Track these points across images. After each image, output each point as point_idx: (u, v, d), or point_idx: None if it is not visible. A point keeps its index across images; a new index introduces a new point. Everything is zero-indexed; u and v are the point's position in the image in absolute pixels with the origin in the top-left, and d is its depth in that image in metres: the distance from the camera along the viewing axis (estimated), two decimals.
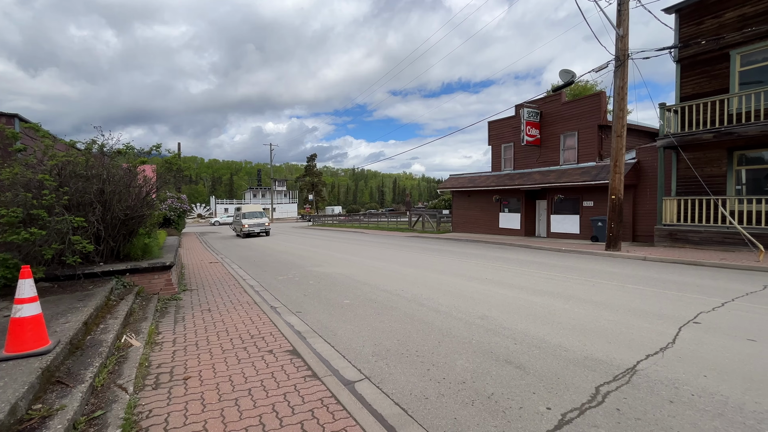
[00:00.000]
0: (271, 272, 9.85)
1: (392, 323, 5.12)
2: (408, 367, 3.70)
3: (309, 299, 6.71)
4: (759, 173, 11.72)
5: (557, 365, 3.64)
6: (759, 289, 6.55)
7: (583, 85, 31.61)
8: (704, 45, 12.34)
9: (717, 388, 3.10)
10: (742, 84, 11.81)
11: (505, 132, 20.52)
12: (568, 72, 13.75)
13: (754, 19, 11.41)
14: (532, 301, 6.09)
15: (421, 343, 4.33)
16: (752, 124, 10.68)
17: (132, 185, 6.75)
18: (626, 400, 2.96)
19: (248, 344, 4.30)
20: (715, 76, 12.35)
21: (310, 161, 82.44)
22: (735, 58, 11.89)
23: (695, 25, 12.70)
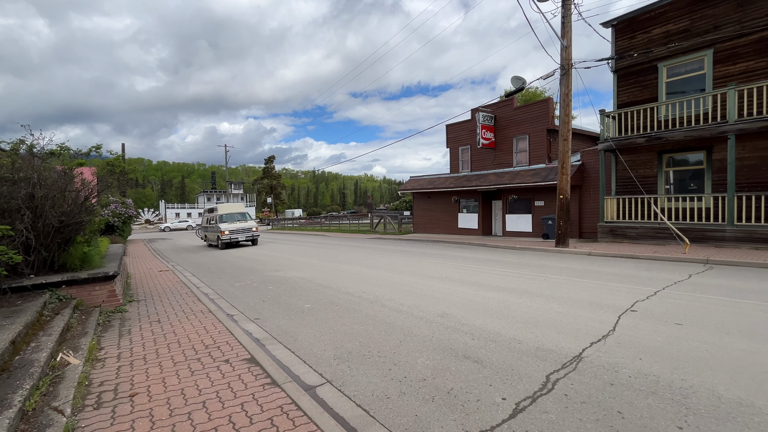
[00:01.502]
0: (227, 279, 9.46)
1: (354, 325, 5.11)
2: (370, 368, 3.71)
3: (268, 305, 6.52)
4: (684, 174, 13.04)
5: (512, 357, 3.82)
6: (685, 278, 7.27)
7: (533, 91, 33.43)
8: (636, 57, 13.54)
9: (650, 369, 3.41)
10: (668, 93, 13.08)
11: (462, 135, 21.20)
12: (519, 78, 14.49)
13: (677, 35, 12.70)
14: (489, 297, 6.34)
15: (382, 344, 4.36)
16: (677, 130, 11.87)
17: (68, 189, 6.19)
18: (573, 386, 3.17)
19: (202, 355, 4.10)
20: (646, 86, 13.58)
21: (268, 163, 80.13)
22: (662, 70, 13.15)
23: (629, 39, 13.90)
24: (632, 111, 13.11)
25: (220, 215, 19.15)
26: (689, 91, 12.54)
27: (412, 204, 25.54)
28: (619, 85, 14.26)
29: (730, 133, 10.74)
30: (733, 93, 10.74)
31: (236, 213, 19.77)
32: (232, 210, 20.04)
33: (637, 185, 13.35)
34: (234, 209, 20.16)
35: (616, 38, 14.23)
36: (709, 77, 12.10)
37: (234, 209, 20.16)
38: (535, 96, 32.32)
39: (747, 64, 11.39)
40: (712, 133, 11.13)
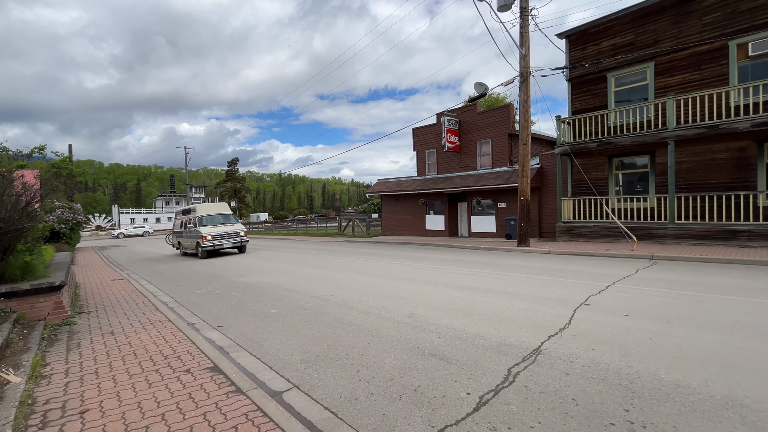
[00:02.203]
0: (187, 286, 9.06)
1: (322, 329, 5.08)
2: (338, 371, 3.70)
3: (232, 312, 6.32)
4: (632, 176, 14.03)
5: (476, 353, 3.95)
6: (633, 273, 7.83)
7: (495, 97, 34.68)
8: (588, 68, 14.44)
9: (601, 358, 3.65)
10: (617, 102, 14.05)
11: (428, 138, 21.61)
12: (482, 85, 15.02)
13: (623, 48, 13.68)
14: (455, 296, 6.51)
15: (350, 346, 4.36)
16: (624, 136, 12.77)
17: (6, 194, 5.70)
18: (532, 378, 3.33)
19: (161, 366, 3.92)
20: (597, 94, 14.51)
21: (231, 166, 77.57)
22: (611, 79, 14.11)
23: (581, 50, 14.80)
24: (585, 117, 13.96)
25: (199, 217, 16.20)
26: (635, 100, 13.54)
27: (380, 206, 25.68)
28: (573, 93, 15.14)
29: (669, 139, 11.70)
30: (672, 102, 11.71)
31: (219, 215, 16.87)
32: (214, 211, 17.04)
33: (590, 187, 14.20)
34: (216, 210, 17.17)
35: (570, 49, 15.10)
36: (651, 87, 13.13)
37: (216, 210, 17.17)
38: (497, 102, 33.55)
39: (683, 76, 12.48)
40: (654, 138, 12.07)
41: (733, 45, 11.50)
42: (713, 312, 4.94)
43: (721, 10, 11.65)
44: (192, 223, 16.35)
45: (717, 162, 11.94)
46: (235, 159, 79.72)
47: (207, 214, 16.62)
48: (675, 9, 12.52)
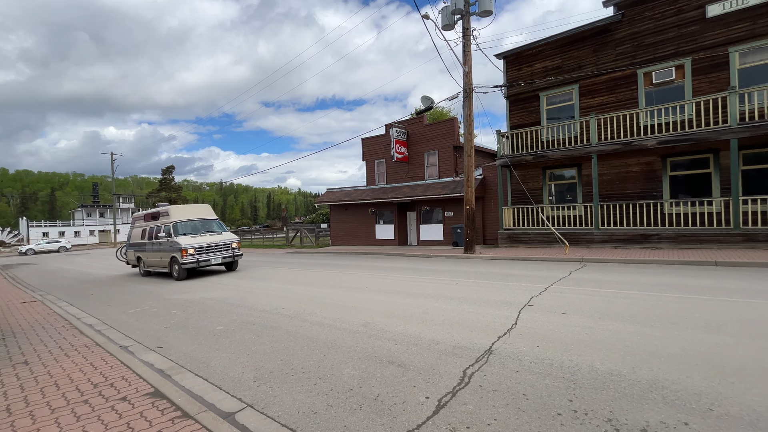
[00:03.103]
0: (118, 305, 8.21)
1: (274, 344, 4.87)
2: (294, 386, 3.57)
3: (173, 331, 5.83)
4: (562, 187, 15.39)
5: (432, 358, 4.04)
6: (567, 275, 8.55)
7: (440, 110, 36.24)
8: (523, 87, 15.70)
9: (546, 354, 3.93)
10: (548, 119, 15.41)
11: (377, 149, 21.93)
12: (428, 98, 15.64)
13: (552, 71, 15.10)
14: (409, 303, 6.62)
15: (306, 359, 4.24)
16: (555, 150, 14.01)
17: None
18: (486, 377, 3.48)
19: (91, 396, 3.49)
20: (531, 111, 15.80)
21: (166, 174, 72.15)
22: (543, 98, 15.46)
23: (516, 71, 16.07)
24: (522, 132, 15.11)
25: (174, 224, 12.39)
26: (563, 118, 14.96)
27: (329, 216, 25.39)
28: (511, 110, 16.34)
29: (593, 154, 13.06)
30: (594, 121, 13.12)
31: (200, 220, 13.17)
32: (194, 215, 13.21)
33: (528, 197, 15.33)
34: (197, 213, 13.40)
35: (507, 69, 16.33)
36: (577, 107, 14.62)
37: (197, 213, 13.40)
38: (442, 115, 35.10)
39: (602, 98, 14.06)
40: (580, 153, 13.40)
41: (640, 73, 13.23)
42: (635, 307, 5.55)
43: (630, 43, 13.38)
44: (163, 232, 12.32)
45: (631, 174, 13.54)
46: (171, 167, 74.38)
47: (185, 220, 12.75)
48: (594, 39, 14.14)
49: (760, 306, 5.25)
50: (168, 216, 12.88)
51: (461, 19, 13.64)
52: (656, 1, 12.84)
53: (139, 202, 78.81)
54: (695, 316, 4.91)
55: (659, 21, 12.82)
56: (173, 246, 11.82)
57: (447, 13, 13.64)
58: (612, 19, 13.57)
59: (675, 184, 12.83)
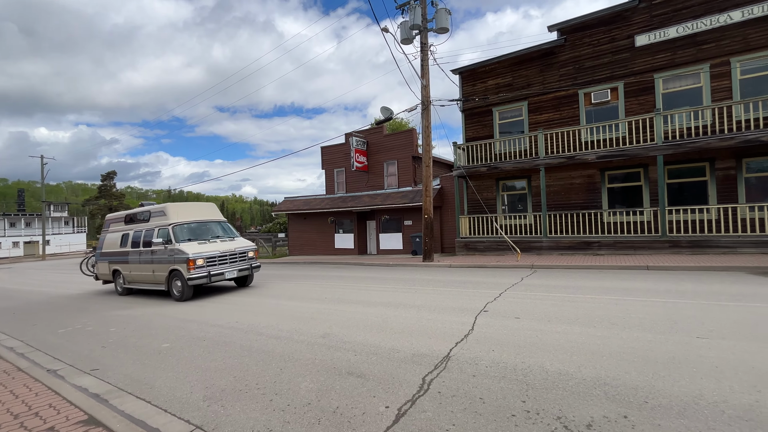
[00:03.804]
0: (45, 324, 7.39)
1: (227, 360, 4.62)
2: (248, 403, 3.40)
3: (111, 351, 5.34)
4: (514, 197, 16.22)
5: (392, 366, 4.04)
6: (519, 281, 8.96)
7: (399, 121, 36.94)
8: (477, 102, 16.47)
9: (500, 358, 4.07)
10: (501, 133, 16.24)
11: (337, 157, 21.84)
12: (387, 109, 15.90)
13: (504, 88, 15.99)
14: (368, 312, 6.58)
15: (261, 375, 4.06)
16: (507, 162, 14.78)
17: None
18: (444, 383, 3.53)
19: (12, 428, 3.08)
20: (485, 125, 16.58)
21: (106, 180, 66.82)
22: (496, 113, 16.30)
23: (471, 86, 16.83)
24: (477, 144, 15.79)
25: (174, 227, 9.60)
26: (514, 132, 15.85)
27: (286, 226, 24.77)
28: (467, 123, 17.04)
29: (541, 166, 13.92)
30: (541, 136, 14.03)
31: (208, 222, 10.42)
32: (199, 215, 10.42)
33: (483, 206, 15.97)
34: (201, 213, 10.55)
35: (463, 84, 17.06)
36: (526, 122, 15.56)
37: (201, 213, 10.55)
38: (401, 126, 35.80)
39: (549, 115, 15.09)
40: (529, 165, 14.24)
41: (581, 93, 14.39)
42: (579, 309, 5.93)
43: (572, 65, 14.54)
44: (159, 237, 9.54)
45: (575, 186, 14.59)
46: (112, 172, 69.22)
47: (188, 222, 9.93)
48: (540, 60, 15.19)
49: (684, 305, 5.82)
50: (164, 216, 9.93)
51: (419, 35, 14.09)
52: (593, 29, 14.11)
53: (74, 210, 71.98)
54: (631, 317, 5.33)
55: (596, 47, 14.08)
56: (175, 255, 9.01)
57: (406, 28, 14.03)
58: (556, 43, 14.68)
59: (612, 195, 14.00)
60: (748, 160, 11.88)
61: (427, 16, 13.90)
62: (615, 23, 13.70)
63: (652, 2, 13.07)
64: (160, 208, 10.30)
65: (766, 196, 11.63)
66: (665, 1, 12.88)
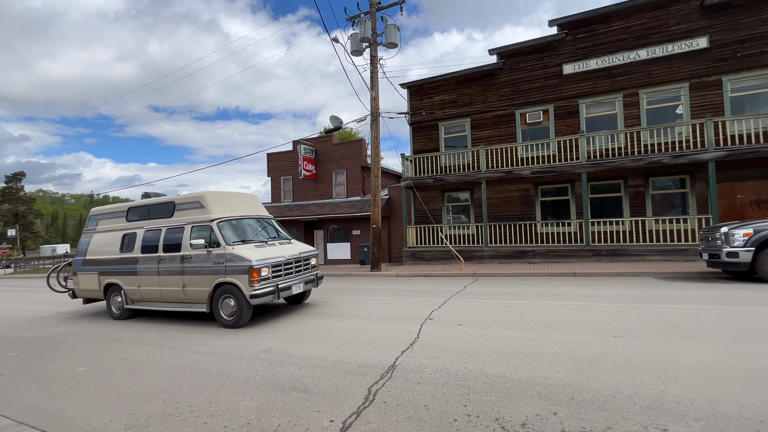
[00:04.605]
0: None
1: (155, 381, 4.22)
2: (179, 428, 3.12)
3: (10, 379, 4.63)
4: (458, 208, 16.95)
5: (337, 379, 3.96)
6: (462, 289, 9.33)
7: (349, 131, 37.06)
8: (424, 116, 17.08)
9: (444, 364, 4.18)
10: (446, 146, 16.97)
11: (284, 165, 21.29)
12: (337, 118, 15.89)
13: (449, 104, 16.79)
14: (314, 324, 6.42)
15: (195, 396, 3.76)
16: (451, 175, 15.45)
17: None
18: (390, 393, 3.54)
19: None
20: (431, 139, 17.22)
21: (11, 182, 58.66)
22: (441, 127, 17.02)
23: (419, 101, 17.44)
24: (424, 157, 16.32)
25: (218, 222, 7.02)
26: (458, 146, 16.65)
27: None
28: (414, 135, 17.57)
29: (482, 179, 14.74)
30: (483, 151, 14.89)
31: (256, 220, 7.96)
32: (244, 209, 7.92)
33: (429, 217, 16.47)
34: (246, 207, 8.01)
35: (411, 98, 17.62)
36: (469, 137, 16.44)
37: (246, 207, 8.01)
38: (351, 136, 35.94)
39: (490, 132, 16.10)
40: (472, 178, 15.01)
41: (518, 113, 15.57)
42: (516, 314, 6.31)
43: (510, 87, 15.70)
44: (199, 238, 6.90)
45: (512, 198, 15.63)
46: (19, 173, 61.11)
47: (235, 217, 7.44)
48: (482, 81, 16.22)
49: (604, 308, 6.45)
50: (200, 209, 7.23)
51: (369, 47, 14.35)
52: (528, 56, 15.40)
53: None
54: (560, 320, 5.79)
55: (530, 72, 15.37)
56: (227, 264, 6.52)
57: (356, 40, 14.22)
58: (496, 66, 15.79)
59: (545, 208, 15.20)
60: (654, 179, 13.62)
61: (377, 30, 14.23)
62: (546, 52, 15.09)
63: (577, 36, 14.63)
64: (194, 198, 7.40)
65: (668, 211, 13.40)
66: (587, 36, 14.49)
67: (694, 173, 12.97)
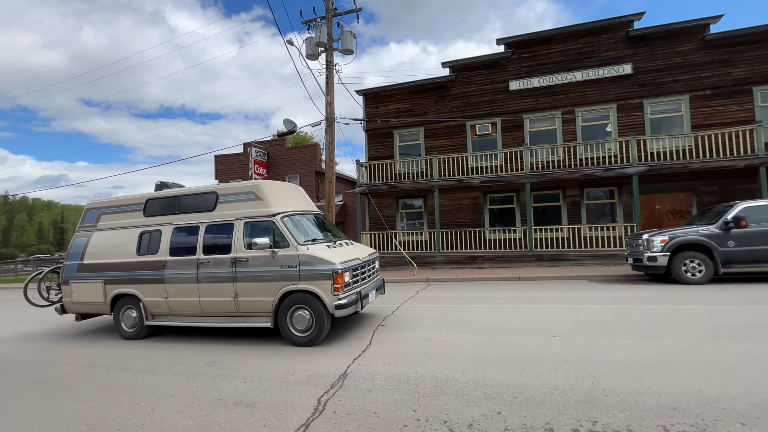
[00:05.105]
0: None
1: (78, 404, 3.79)
2: None
3: None
4: (412, 215, 17.26)
5: (286, 391, 3.82)
6: (415, 294, 9.48)
7: (303, 135, 36.42)
8: (379, 123, 17.28)
9: (395, 371, 4.20)
10: (401, 154, 17.26)
11: (234, 168, 20.40)
12: (291, 122, 15.55)
13: (404, 113, 17.14)
14: (264, 334, 6.16)
15: (125, 417, 3.43)
16: (405, 182, 15.73)
17: None
18: (340, 402, 3.48)
19: None
20: (386, 146, 17.44)
21: None
22: (396, 135, 17.30)
23: (374, 108, 17.61)
24: (379, 163, 16.46)
25: (282, 217, 5.84)
26: (412, 154, 17.02)
27: None
28: (369, 142, 17.69)
29: (435, 187, 15.17)
30: (435, 160, 15.34)
31: (315, 216, 6.96)
32: (297, 203, 6.72)
33: (383, 223, 16.60)
34: (299, 201, 6.86)
35: (366, 105, 17.75)
36: (423, 146, 16.87)
37: (299, 201, 6.86)
38: (305, 140, 35.34)
39: (442, 141, 16.64)
40: (425, 186, 15.40)
41: (468, 125, 16.27)
42: (465, 318, 6.52)
43: (461, 100, 16.39)
44: (263, 236, 5.69)
45: (463, 206, 16.23)
46: None
47: (297, 212, 6.32)
48: (435, 92, 16.77)
49: (546, 310, 6.88)
50: (254, 201, 6.03)
51: (325, 52, 14.27)
52: (478, 71, 16.21)
53: None
54: (506, 322, 6.08)
55: (480, 86, 16.17)
56: (303, 267, 5.46)
57: (311, 44, 14.08)
58: (448, 78, 16.41)
59: (493, 215, 15.96)
60: (588, 189, 14.87)
61: (333, 36, 14.20)
62: (494, 68, 15.98)
63: (522, 55, 15.67)
64: (246, 188, 6.11)
65: (600, 219, 14.67)
66: (531, 56, 15.57)
67: (621, 185, 14.35)
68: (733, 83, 13.46)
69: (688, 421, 2.81)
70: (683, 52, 13.94)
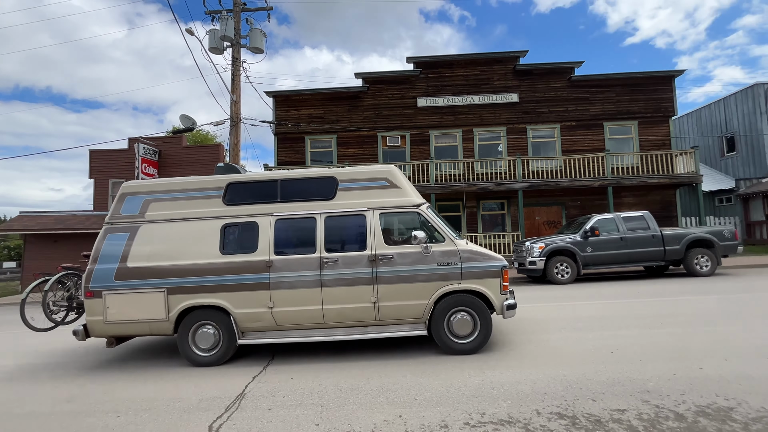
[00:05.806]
0: None
1: None
2: None
3: None
4: None
5: (172, 420, 3.37)
6: None
7: (204, 134, 33.41)
8: (290, 127, 16.78)
9: (299, 385, 4.03)
10: (313, 160, 16.97)
11: (116, 165, 17.65)
12: (189, 118, 14.13)
13: (316, 119, 16.95)
14: (138, 358, 5.37)
15: None
16: None
17: None
18: (236, 425, 3.19)
19: None
20: (297, 151, 16.99)
21: None
22: (308, 141, 16.99)
23: (285, 111, 17.06)
24: (289, 169, 15.92)
25: (427, 207, 5.11)
26: (325, 161, 16.88)
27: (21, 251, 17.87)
28: (279, 146, 17.03)
29: None
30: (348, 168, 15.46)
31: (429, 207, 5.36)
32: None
33: None
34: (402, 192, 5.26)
35: (276, 108, 17.09)
36: (335, 154, 16.87)
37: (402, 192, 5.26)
38: (207, 140, 32.46)
39: (354, 150, 16.86)
40: None
41: (380, 135, 16.81)
42: None
43: (373, 111, 16.89)
44: (419, 230, 4.83)
45: None
46: None
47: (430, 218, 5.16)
48: (348, 101, 16.98)
49: None
50: (392, 189, 5.17)
51: (231, 48, 13.38)
52: (389, 85, 16.92)
53: None
54: None
55: (391, 100, 16.89)
56: (465, 264, 4.84)
57: (215, 37, 13.08)
58: (361, 89, 16.78)
59: None
60: (483, 201, 16.55)
61: (242, 32, 13.41)
62: (404, 84, 16.87)
63: (429, 75, 16.85)
64: (378, 174, 5.28)
65: (493, 228, 16.40)
66: (436, 77, 16.84)
67: (510, 198, 16.32)
68: (590, 118, 16.47)
69: (555, 402, 3.26)
70: (556, 88, 16.59)
